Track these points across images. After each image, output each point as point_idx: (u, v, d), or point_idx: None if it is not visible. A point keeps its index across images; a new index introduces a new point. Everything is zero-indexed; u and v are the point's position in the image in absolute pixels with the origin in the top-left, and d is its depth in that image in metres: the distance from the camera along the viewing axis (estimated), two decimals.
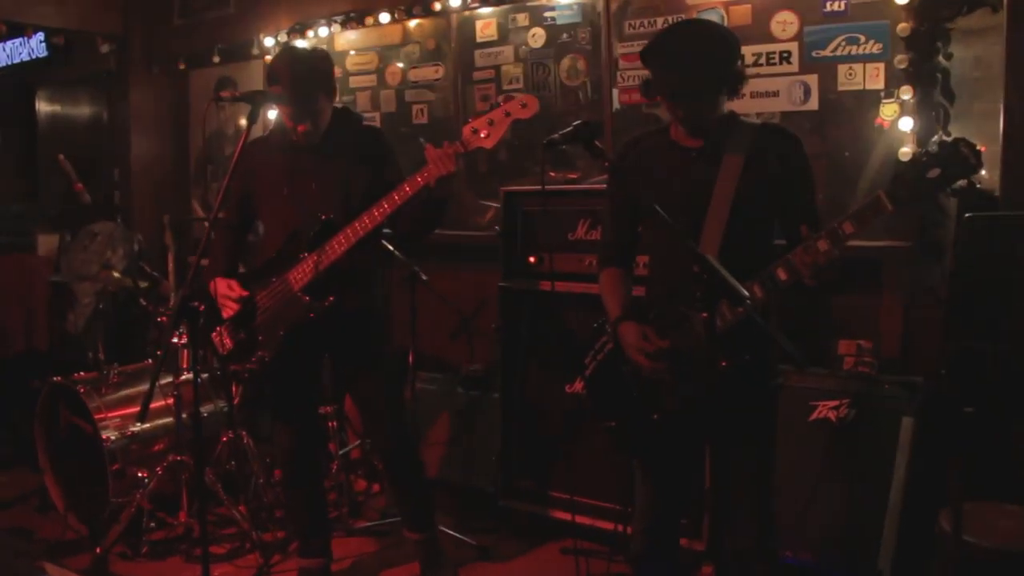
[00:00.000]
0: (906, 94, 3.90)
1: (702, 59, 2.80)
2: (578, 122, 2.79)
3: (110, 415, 4.56)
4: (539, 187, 4.56)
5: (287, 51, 3.73)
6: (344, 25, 5.87)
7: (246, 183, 3.80)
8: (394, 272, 4.47)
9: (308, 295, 3.61)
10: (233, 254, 3.93)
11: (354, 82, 5.90)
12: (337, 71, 6.02)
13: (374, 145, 3.79)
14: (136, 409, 4.46)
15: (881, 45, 4.01)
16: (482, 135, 3.37)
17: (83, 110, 8.12)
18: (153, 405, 3.36)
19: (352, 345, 3.80)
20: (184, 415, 4.49)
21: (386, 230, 3.71)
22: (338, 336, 3.74)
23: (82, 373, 4.80)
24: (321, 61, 3.69)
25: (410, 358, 4.73)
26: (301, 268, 3.62)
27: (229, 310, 3.75)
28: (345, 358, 3.89)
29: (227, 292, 3.73)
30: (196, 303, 3.11)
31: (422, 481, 4.09)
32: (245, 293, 3.72)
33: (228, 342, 3.80)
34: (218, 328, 3.80)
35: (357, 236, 3.51)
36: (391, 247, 4.39)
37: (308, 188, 3.67)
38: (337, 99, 3.83)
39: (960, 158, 2.51)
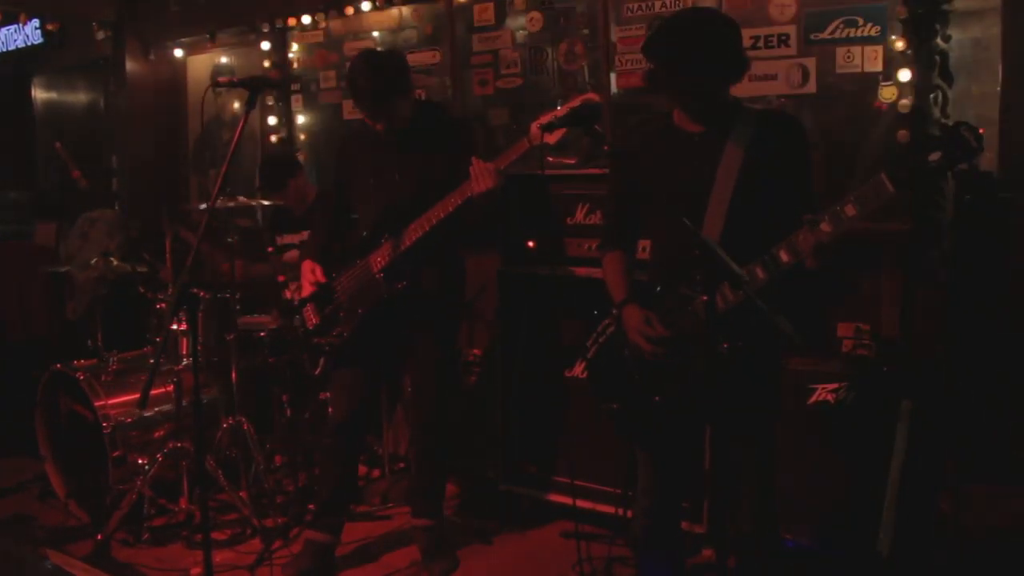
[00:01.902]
0: (904, 77, 3.89)
1: (704, 52, 2.80)
2: (576, 105, 2.79)
3: (110, 402, 4.56)
4: (538, 171, 4.54)
5: (362, 56, 3.86)
6: (327, 13, 5.88)
7: (342, 175, 4.13)
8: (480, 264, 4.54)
9: (385, 277, 3.84)
10: (331, 235, 4.16)
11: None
12: (334, 56, 6.10)
13: (454, 137, 3.93)
14: (136, 396, 4.44)
15: (879, 27, 4.00)
16: (548, 132, 3.45)
17: (80, 97, 8.10)
18: (153, 392, 3.36)
19: (421, 327, 3.97)
20: (184, 401, 4.50)
21: None
22: (410, 317, 3.92)
23: (82, 360, 4.80)
24: (393, 65, 3.80)
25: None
26: (381, 252, 3.87)
27: (306, 291, 4.03)
28: (417, 337, 4.01)
29: (308, 275, 4.02)
30: (195, 289, 3.16)
31: (446, 468, 4.24)
32: (323, 280, 3.99)
33: (315, 318, 4.06)
34: (308, 304, 4.06)
35: (431, 224, 3.73)
36: None
37: (392, 178, 3.90)
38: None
39: (962, 141, 2.51)
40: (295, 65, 6.34)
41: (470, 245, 4.15)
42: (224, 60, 6.91)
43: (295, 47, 6.32)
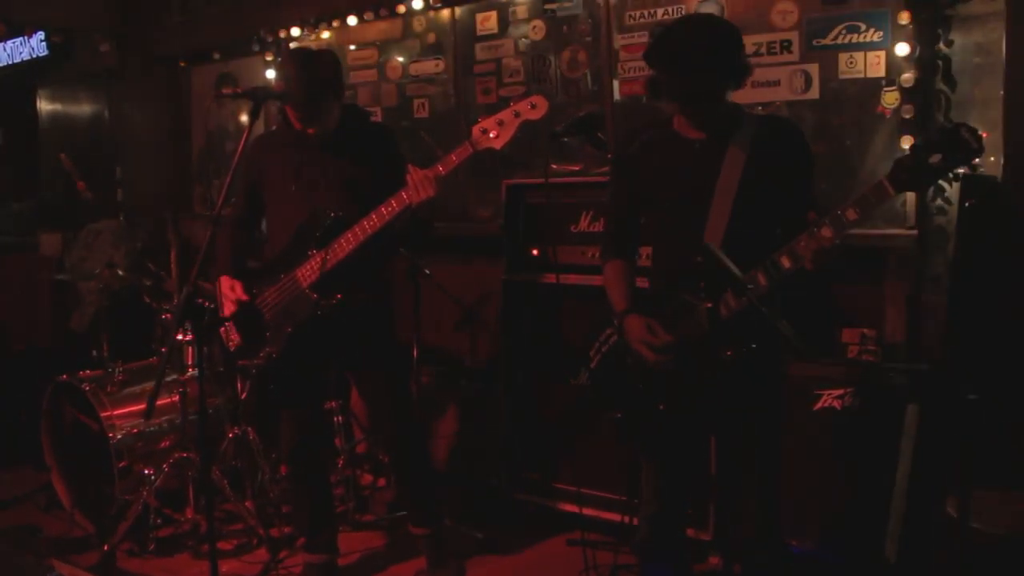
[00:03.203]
0: (907, 82, 3.89)
1: (706, 57, 2.80)
2: (581, 114, 2.80)
3: (116, 412, 4.56)
4: (542, 180, 4.55)
5: (295, 55, 3.73)
6: (329, 23, 5.91)
7: (254, 178, 3.84)
8: (397, 266, 4.47)
9: (316, 292, 3.63)
10: (241, 250, 3.94)
11: (355, 77, 5.90)
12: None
13: (381, 143, 3.79)
14: (142, 406, 4.47)
15: (881, 33, 4.00)
16: (491, 135, 3.37)
17: (84, 108, 8.12)
18: (159, 402, 3.37)
19: (359, 341, 3.80)
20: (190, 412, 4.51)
21: None
22: (345, 332, 3.75)
23: (87, 371, 4.80)
24: (328, 64, 3.64)
25: (414, 352, 4.73)
26: (309, 265, 3.64)
27: (228, 309, 3.77)
28: (352, 354, 3.88)
29: (228, 293, 3.77)
30: (200, 300, 3.13)
31: (429, 476, 4.11)
32: (245, 297, 3.75)
33: (235, 337, 3.83)
34: (226, 324, 3.83)
35: (365, 235, 3.53)
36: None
37: (316, 185, 3.69)
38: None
39: (961, 143, 2.51)
40: None
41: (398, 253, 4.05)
42: (228, 71, 6.92)
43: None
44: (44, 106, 8.38)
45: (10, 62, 8.00)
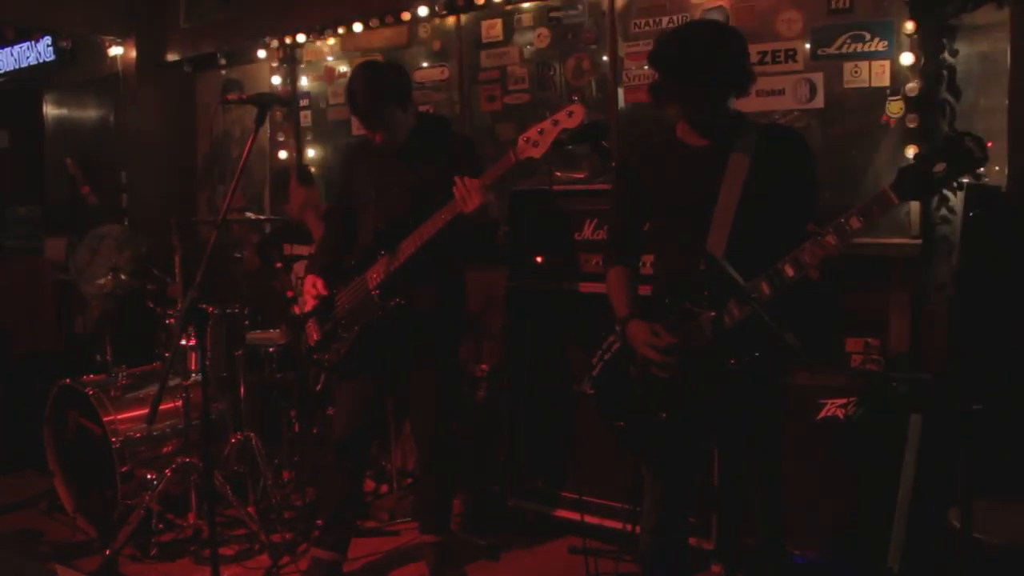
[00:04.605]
0: (912, 91, 3.89)
1: (709, 63, 2.80)
2: (586, 122, 2.79)
3: (119, 417, 4.57)
4: (546, 187, 4.56)
5: (359, 66, 3.87)
6: (335, 30, 5.91)
7: (344, 185, 4.11)
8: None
9: (379, 294, 3.79)
10: (337, 250, 4.10)
11: None
12: (343, 72, 6.12)
13: (456, 151, 3.87)
14: (145, 411, 4.48)
15: (887, 42, 4.00)
16: (533, 144, 3.43)
17: (90, 113, 8.15)
18: (162, 407, 3.37)
19: (423, 342, 3.91)
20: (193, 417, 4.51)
21: None
22: (410, 333, 3.87)
23: (91, 375, 4.81)
24: (390, 73, 3.80)
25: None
26: (377, 268, 3.81)
27: (308, 305, 3.99)
28: (415, 353, 3.96)
29: (310, 289, 3.98)
30: (204, 305, 3.15)
31: (454, 481, 4.22)
32: (325, 292, 3.95)
33: (316, 334, 4.01)
34: (310, 320, 4.02)
35: (421, 240, 3.66)
36: None
37: (392, 192, 3.85)
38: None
39: (965, 152, 2.50)
40: (304, 81, 6.37)
41: (476, 261, 4.13)
42: (233, 76, 6.93)
43: (304, 63, 6.35)
44: (50, 111, 8.41)
45: (17, 66, 8.03)
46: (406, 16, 5.56)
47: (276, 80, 6.38)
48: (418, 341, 3.90)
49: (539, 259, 4.62)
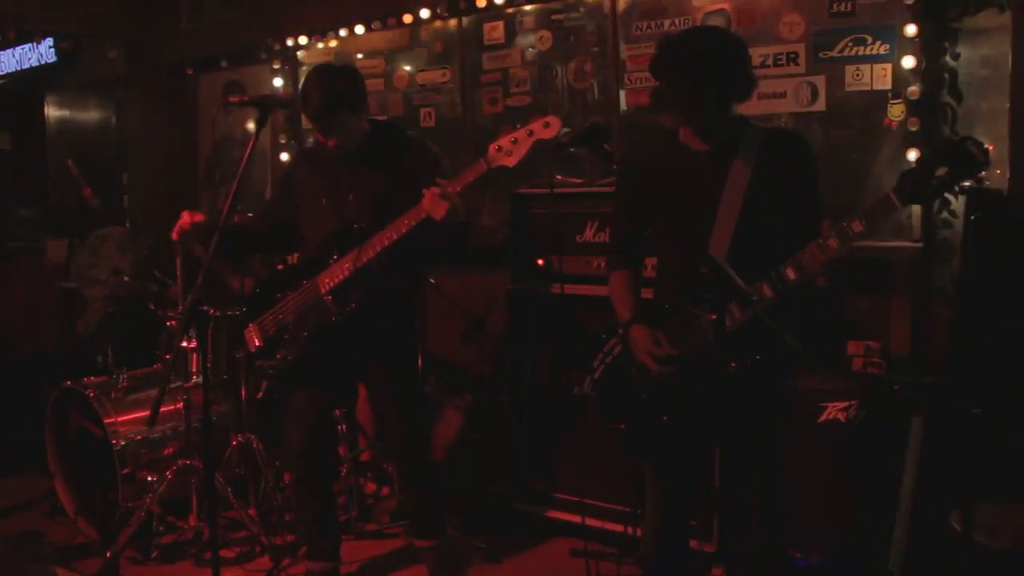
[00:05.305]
0: (913, 94, 3.89)
1: (710, 70, 2.80)
2: (587, 125, 2.80)
3: (120, 419, 4.56)
4: (547, 190, 4.57)
5: (314, 69, 3.81)
6: (337, 32, 5.91)
7: (286, 188, 3.99)
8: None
9: (332, 299, 3.69)
10: (248, 231, 4.03)
11: None
12: None
13: (416, 158, 3.81)
14: (146, 413, 4.48)
15: (888, 45, 4.00)
16: (506, 153, 3.40)
17: (92, 115, 8.15)
18: (163, 409, 3.37)
19: (377, 350, 3.84)
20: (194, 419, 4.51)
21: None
22: (362, 342, 3.78)
23: (92, 377, 4.80)
24: (345, 78, 3.73)
25: (418, 361, 4.72)
26: (329, 272, 3.71)
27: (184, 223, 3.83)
28: (369, 362, 3.91)
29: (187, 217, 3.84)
30: (205, 307, 3.14)
31: (436, 487, 4.13)
32: (200, 219, 3.78)
33: (257, 339, 3.91)
34: (250, 325, 3.92)
35: (382, 245, 3.58)
36: None
37: (345, 199, 3.77)
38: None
39: (967, 156, 2.51)
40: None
41: (453, 261, 4.08)
42: (235, 78, 6.93)
43: (306, 65, 6.35)
44: (52, 112, 8.40)
45: (18, 68, 8.02)
46: (408, 18, 5.57)
47: (278, 82, 6.38)
48: (375, 348, 3.83)
49: (540, 261, 4.62)
